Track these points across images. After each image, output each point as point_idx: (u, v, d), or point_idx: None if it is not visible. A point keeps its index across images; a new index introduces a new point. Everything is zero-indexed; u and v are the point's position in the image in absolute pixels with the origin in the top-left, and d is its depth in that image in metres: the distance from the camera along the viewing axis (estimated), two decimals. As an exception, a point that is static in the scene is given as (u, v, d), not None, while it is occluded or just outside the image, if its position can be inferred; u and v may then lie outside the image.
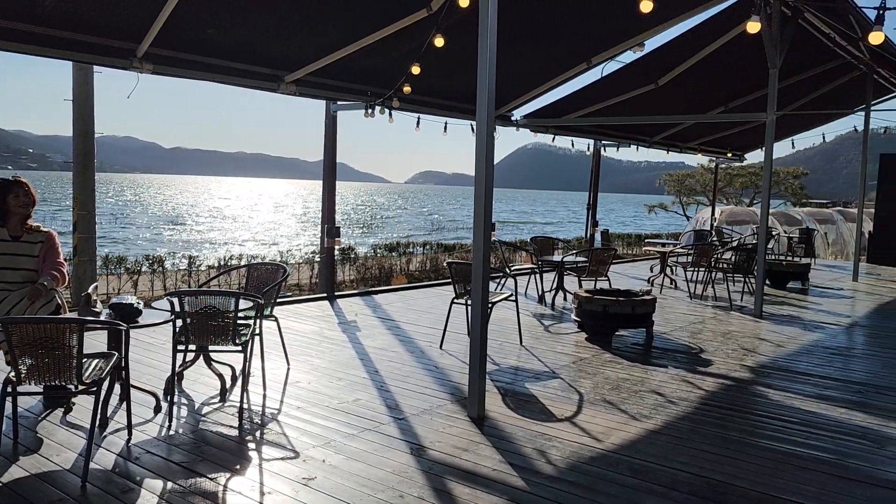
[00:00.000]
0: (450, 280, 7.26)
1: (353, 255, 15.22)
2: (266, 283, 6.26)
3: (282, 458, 4.11)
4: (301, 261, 15.18)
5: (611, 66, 11.28)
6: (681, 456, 4.28)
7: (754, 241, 12.94)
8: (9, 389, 3.82)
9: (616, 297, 7.50)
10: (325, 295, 9.84)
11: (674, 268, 12.89)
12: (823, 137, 17.39)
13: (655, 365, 6.57)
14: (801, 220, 21.50)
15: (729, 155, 18.94)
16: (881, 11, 5.07)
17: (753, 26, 6.21)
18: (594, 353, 6.93)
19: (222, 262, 12.83)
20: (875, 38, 5.03)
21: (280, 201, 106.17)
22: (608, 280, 9.80)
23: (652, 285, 11.93)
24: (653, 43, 10.75)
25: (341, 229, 10.25)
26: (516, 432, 4.62)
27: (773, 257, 14.89)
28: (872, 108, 13.81)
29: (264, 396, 5.27)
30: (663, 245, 14.83)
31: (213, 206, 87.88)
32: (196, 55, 7.53)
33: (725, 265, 11.05)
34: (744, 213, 23.42)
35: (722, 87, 13.46)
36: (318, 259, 11.42)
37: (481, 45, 4.60)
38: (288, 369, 6.02)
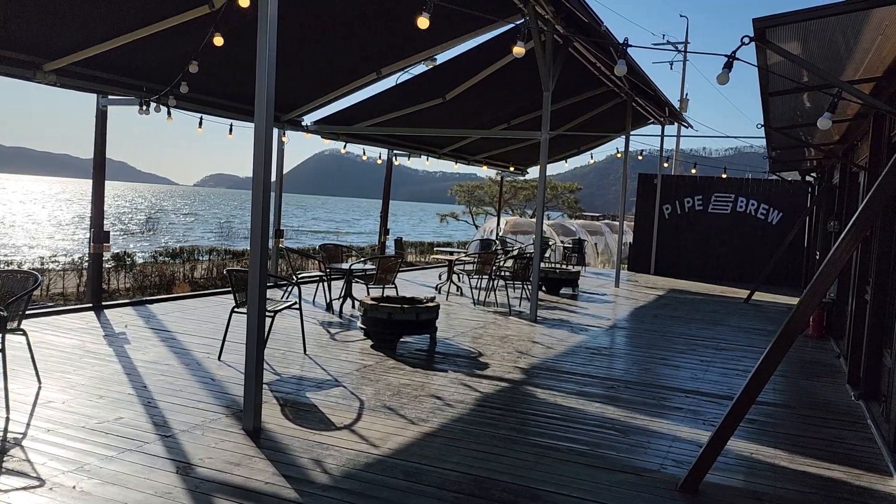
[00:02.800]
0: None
1: (129, 262, 14.10)
2: (14, 293, 5.60)
3: (24, 488, 3.67)
4: (68, 268, 13.78)
5: (403, 78, 11.59)
6: (453, 456, 4.46)
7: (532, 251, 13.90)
8: None
9: (401, 305, 7.66)
10: (90, 305, 9.00)
11: (460, 275, 13.46)
12: (592, 157, 19.20)
13: (437, 370, 6.79)
14: (576, 232, 23.50)
15: (512, 169, 20.22)
16: (624, 47, 5.72)
17: (518, 51, 6.70)
18: (378, 360, 7.02)
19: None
20: (618, 70, 5.65)
21: (45, 201, 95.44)
22: (395, 287, 9.99)
23: (439, 292, 12.36)
24: (444, 58, 11.21)
25: (119, 233, 9.49)
26: (293, 443, 4.53)
27: (550, 265, 16.09)
28: (631, 133, 15.48)
29: (7, 420, 4.69)
30: (451, 253, 15.44)
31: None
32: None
33: (506, 273, 11.75)
34: (526, 224, 25.08)
35: (505, 106, 14.33)
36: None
37: (260, 46, 4.50)
38: (39, 388, 5.41)
